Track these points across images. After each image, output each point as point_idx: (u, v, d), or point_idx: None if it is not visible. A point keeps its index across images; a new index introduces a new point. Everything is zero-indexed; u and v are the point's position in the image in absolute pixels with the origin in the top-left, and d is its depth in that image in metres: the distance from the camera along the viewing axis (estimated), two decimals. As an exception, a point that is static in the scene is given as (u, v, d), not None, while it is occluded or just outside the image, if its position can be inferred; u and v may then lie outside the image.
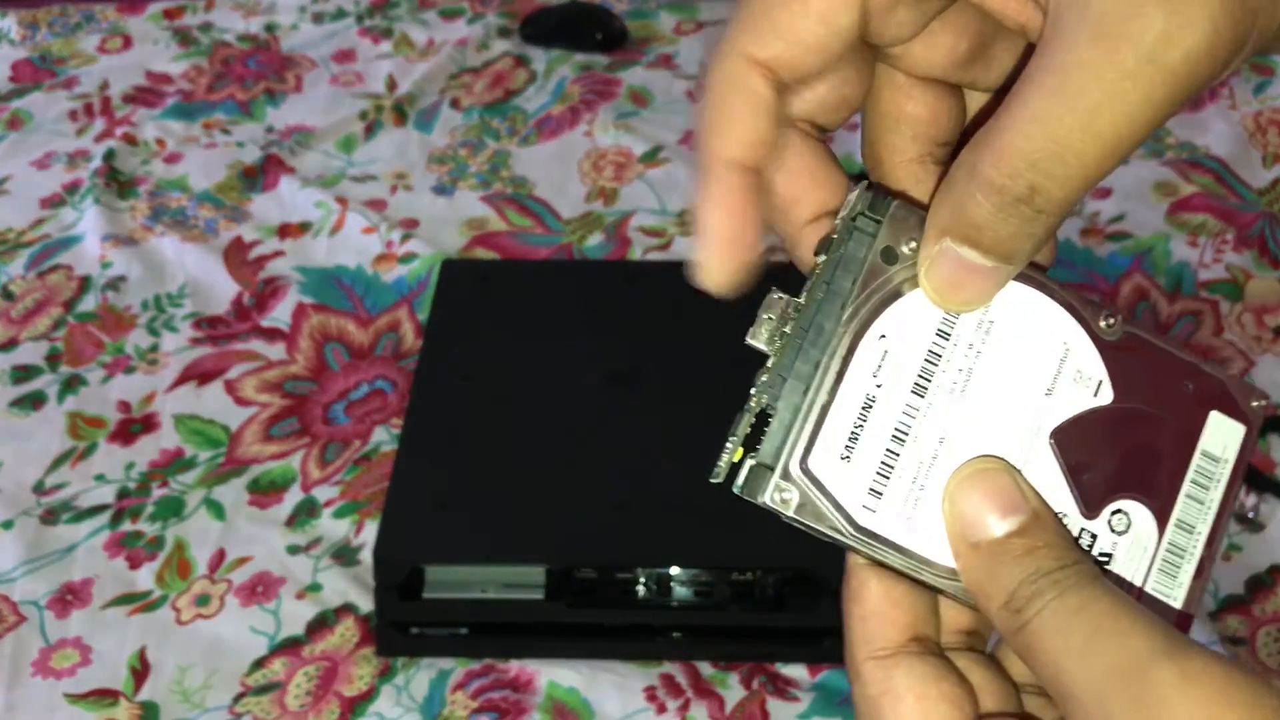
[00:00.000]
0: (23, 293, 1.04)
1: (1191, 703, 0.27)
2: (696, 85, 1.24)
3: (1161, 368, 0.33)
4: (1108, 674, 0.28)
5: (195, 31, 1.33)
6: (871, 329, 0.31)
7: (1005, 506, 0.31)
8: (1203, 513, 0.33)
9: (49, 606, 0.82)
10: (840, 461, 0.31)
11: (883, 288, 0.32)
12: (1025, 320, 0.33)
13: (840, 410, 0.31)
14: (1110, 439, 0.33)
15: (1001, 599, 0.30)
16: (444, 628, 0.79)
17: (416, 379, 0.87)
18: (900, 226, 0.32)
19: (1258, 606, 0.81)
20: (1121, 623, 0.29)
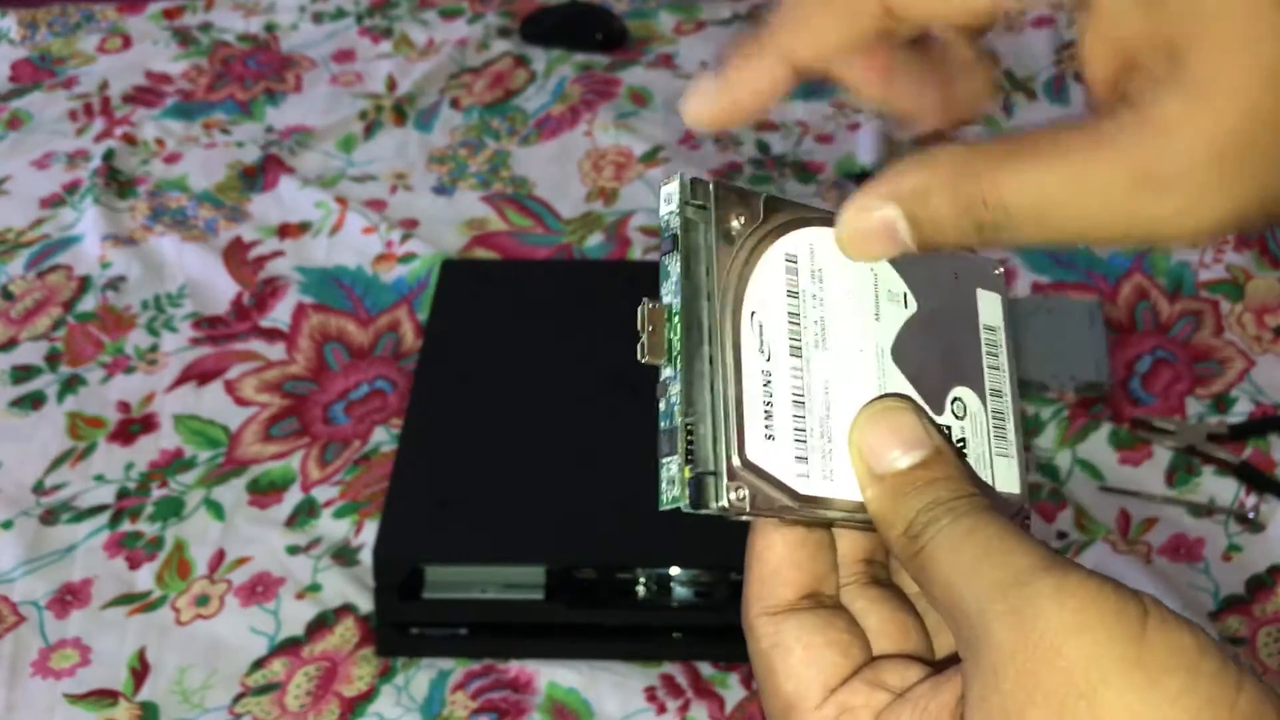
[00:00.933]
0: (22, 293, 1.04)
1: (1063, 610, 0.28)
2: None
3: (934, 266, 0.36)
4: (990, 588, 0.29)
5: (195, 31, 1.33)
6: (744, 309, 0.33)
7: (908, 441, 0.33)
8: (1001, 377, 0.37)
9: (48, 607, 0.82)
10: (768, 442, 0.32)
11: (735, 267, 0.33)
12: (839, 259, 0.34)
13: (750, 394, 0.32)
14: (928, 340, 0.36)
15: (901, 527, 0.32)
16: (444, 628, 0.79)
17: (416, 379, 0.87)
18: (726, 205, 0.33)
19: (1258, 606, 0.81)
20: (1007, 543, 0.30)
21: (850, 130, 1.18)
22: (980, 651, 0.29)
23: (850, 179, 1.12)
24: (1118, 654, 0.27)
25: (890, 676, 0.33)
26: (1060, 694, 0.27)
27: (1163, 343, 0.97)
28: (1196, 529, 0.85)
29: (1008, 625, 0.28)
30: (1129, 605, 0.28)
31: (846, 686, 0.33)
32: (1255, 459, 0.88)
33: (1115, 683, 0.27)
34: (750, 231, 0.33)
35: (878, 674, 0.33)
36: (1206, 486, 0.87)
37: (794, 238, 0.34)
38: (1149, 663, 0.27)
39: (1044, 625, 0.28)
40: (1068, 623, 0.28)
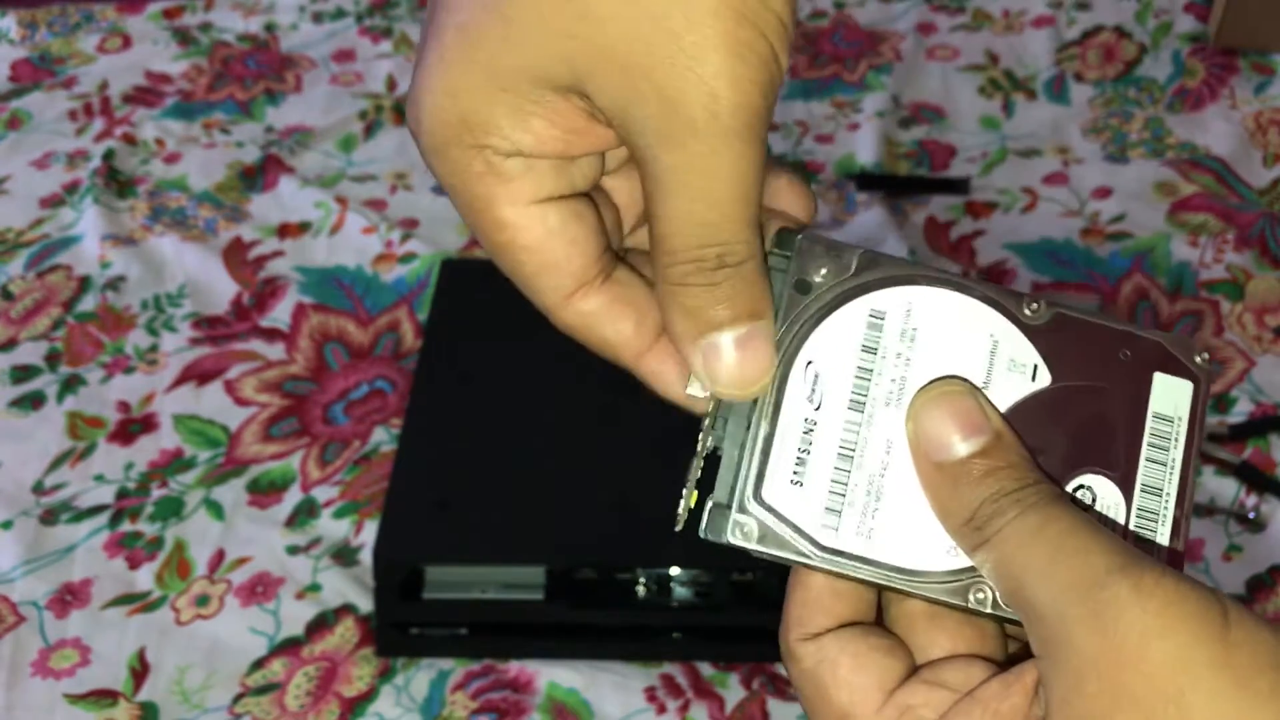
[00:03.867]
0: (22, 293, 1.04)
1: (1144, 613, 0.27)
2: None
3: (1095, 341, 0.34)
4: (1066, 588, 0.29)
5: (195, 31, 1.33)
6: (799, 357, 0.33)
7: (969, 426, 0.32)
8: (1167, 473, 0.34)
9: (48, 607, 0.82)
10: (792, 487, 0.32)
11: (801, 317, 0.33)
12: (948, 321, 0.33)
13: (783, 438, 0.33)
14: (1057, 419, 0.34)
15: (964, 516, 0.31)
16: (444, 628, 0.79)
17: (416, 379, 0.87)
18: (808, 258, 0.33)
19: (1259, 606, 0.81)
20: (1081, 540, 0.29)
21: (850, 130, 1.18)
22: (1061, 654, 0.28)
23: (850, 179, 1.12)
24: (1204, 656, 0.27)
25: (950, 675, 0.32)
26: (1148, 700, 0.27)
27: (1163, 343, 0.97)
28: (1197, 529, 0.85)
29: (1088, 629, 0.28)
30: (1210, 605, 0.28)
31: (905, 687, 0.32)
32: (1255, 459, 0.88)
33: (1204, 687, 0.27)
34: (832, 285, 0.33)
35: (937, 673, 0.32)
36: (1207, 487, 0.87)
37: (888, 295, 0.33)
38: (1236, 664, 0.27)
39: (1126, 629, 0.27)
40: (1150, 626, 0.27)
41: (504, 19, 0.29)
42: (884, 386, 0.33)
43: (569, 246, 0.32)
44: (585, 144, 0.31)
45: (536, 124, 0.30)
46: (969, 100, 1.21)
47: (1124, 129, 1.17)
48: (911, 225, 1.08)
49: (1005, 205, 1.09)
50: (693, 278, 0.31)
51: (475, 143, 0.31)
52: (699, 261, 0.31)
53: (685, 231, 0.30)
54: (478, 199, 0.32)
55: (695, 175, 0.30)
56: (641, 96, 0.29)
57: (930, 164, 1.14)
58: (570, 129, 0.31)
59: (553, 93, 0.30)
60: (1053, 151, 1.15)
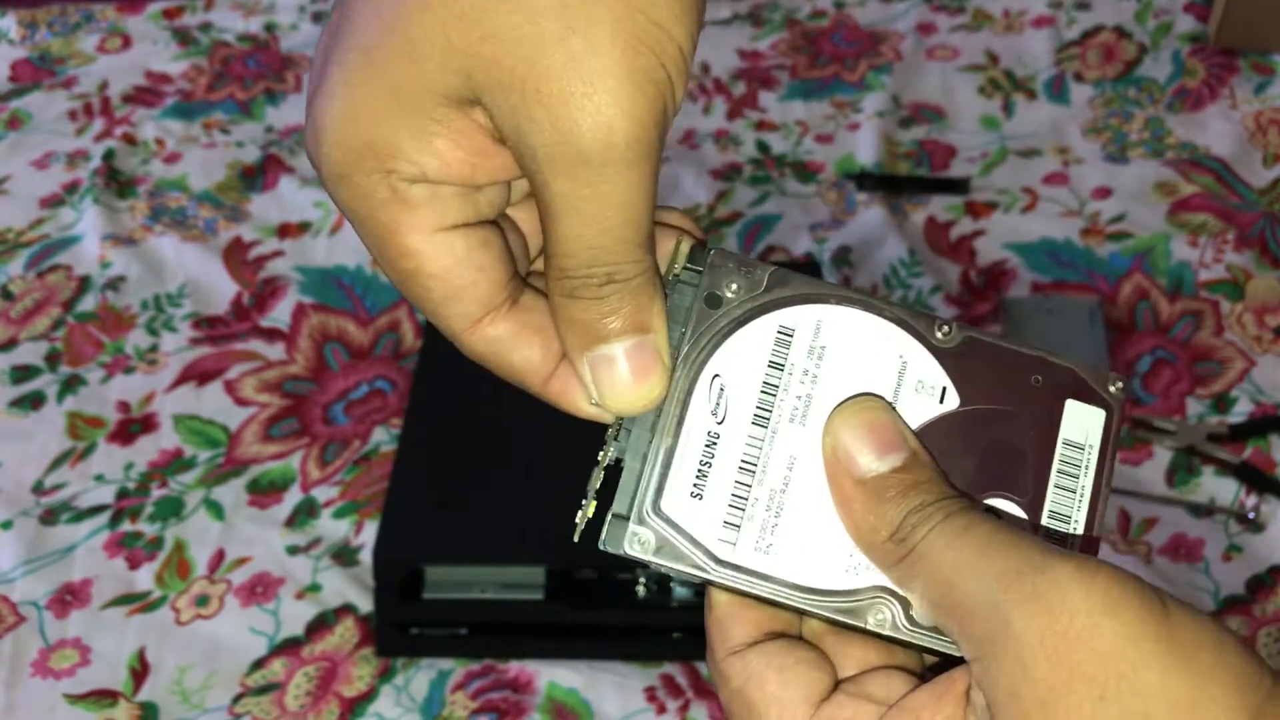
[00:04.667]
0: (22, 293, 1.04)
1: (1089, 591, 0.28)
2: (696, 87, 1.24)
3: (1007, 366, 0.34)
4: (1001, 576, 0.29)
5: (195, 31, 1.33)
6: (705, 370, 0.33)
7: (887, 443, 0.32)
8: (1076, 500, 0.34)
9: (48, 607, 0.82)
10: (692, 500, 0.32)
11: (710, 330, 0.33)
12: (857, 341, 0.33)
13: (685, 451, 0.32)
14: (965, 442, 0.34)
15: (886, 531, 0.31)
16: (444, 628, 0.79)
17: (416, 379, 0.87)
18: (720, 273, 0.33)
19: (1258, 607, 0.81)
20: (1009, 536, 0.30)
21: (850, 130, 1.18)
22: (1002, 644, 0.28)
23: (850, 179, 1.12)
24: (1151, 634, 0.27)
25: (874, 688, 0.32)
26: (1100, 676, 0.27)
27: (1163, 343, 0.97)
28: (1197, 529, 0.85)
29: (1030, 612, 0.28)
30: (1147, 588, 0.28)
31: (831, 700, 0.32)
32: (1255, 459, 0.88)
33: (1154, 663, 0.27)
34: (743, 300, 0.33)
35: (861, 686, 0.32)
36: (1207, 487, 0.87)
37: (798, 312, 0.33)
38: (1180, 640, 0.27)
39: (1073, 607, 0.27)
40: (1096, 604, 0.27)
41: (408, 39, 0.29)
42: (790, 403, 0.33)
43: (476, 274, 0.32)
44: (490, 170, 0.31)
45: (440, 145, 0.30)
46: (969, 100, 1.21)
47: (1124, 129, 1.17)
48: (911, 225, 1.08)
49: (1005, 205, 1.09)
50: (581, 291, 0.31)
51: (379, 168, 0.30)
52: (587, 278, 0.31)
53: (576, 253, 0.31)
54: (382, 226, 0.31)
55: (586, 203, 0.30)
56: (536, 123, 0.29)
57: (930, 164, 1.14)
58: (474, 151, 0.31)
59: (455, 110, 0.30)
60: (1053, 151, 1.15)
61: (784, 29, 1.31)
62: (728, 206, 1.10)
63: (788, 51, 1.28)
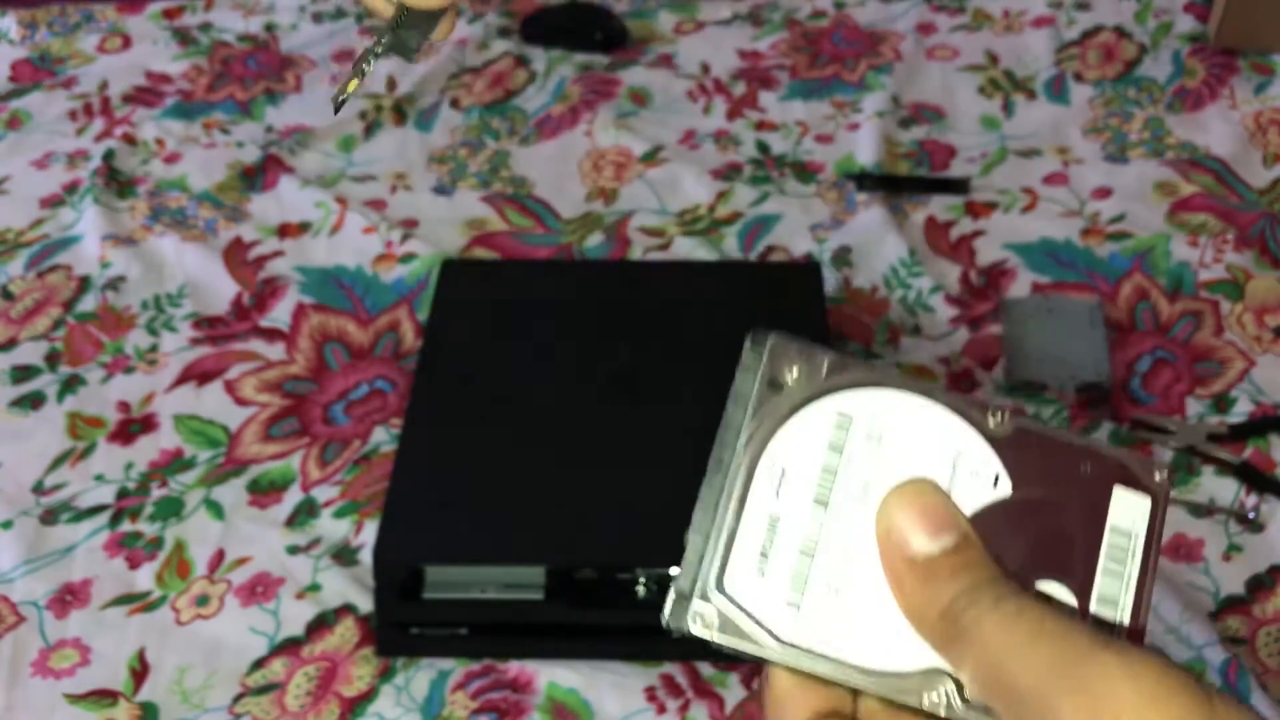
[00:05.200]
0: (22, 293, 1.04)
1: (1136, 684, 0.28)
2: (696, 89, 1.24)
3: (1056, 454, 0.35)
4: (1051, 666, 0.29)
5: (195, 31, 1.33)
6: (766, 453, 0.34)
7: (938, 524, 0.33)
8: (1123, 586, 0.35)
9: (48, 607, 0.82)
10: (756, 578, 0.33)
11: (772, 413, 0.34)
12: (913, 426, 0.34)
13: (748, 530, 0.34)
14: (1016, 528, 0.34)
15: (937, 610, 0.32)
16: (444, 628, 0.79)
17: (416, 379, 0.87)
18: (780, 358, 0.34)
19: (1258, 607, 0.81)
20: (1060, 623, 0.30)
21: (850, 130, 1.18)
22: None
23: (850, 179, 1.12)
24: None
25: None
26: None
27: (1163, 343, 0.97)
28: (1197, 529, 0.85)
29: (1077, 705, 0.28)
30: (1194, 681, 0.28)
31: None
32: (1255, 459, 0.88)
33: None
34: (805, 382, 0.34)
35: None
36: (1207, 486, 0.87)
37: (855, 397, 0.34)
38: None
39: (1119, 704, 0.27)
40: (1144, 696, 0.27)
41: None
42: (848, 486, 0.34)
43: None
44: None
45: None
46: (969, 100, 1.21)
47: (1124, 129, 1.17)
48: (911, 225, 1.08)
49: (1005, 205, 1.09)
50: None
51: None
52: None
53: None
54: None
55: None
56: None
57: (930, 164, 1.14)
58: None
59: None
60: (1053, 151, 1.15)
61: (784, 29, 1.31)
62: (728, 206, 1.10)
63: (788, 51, 1.28)
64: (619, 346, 0.88)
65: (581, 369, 0.86)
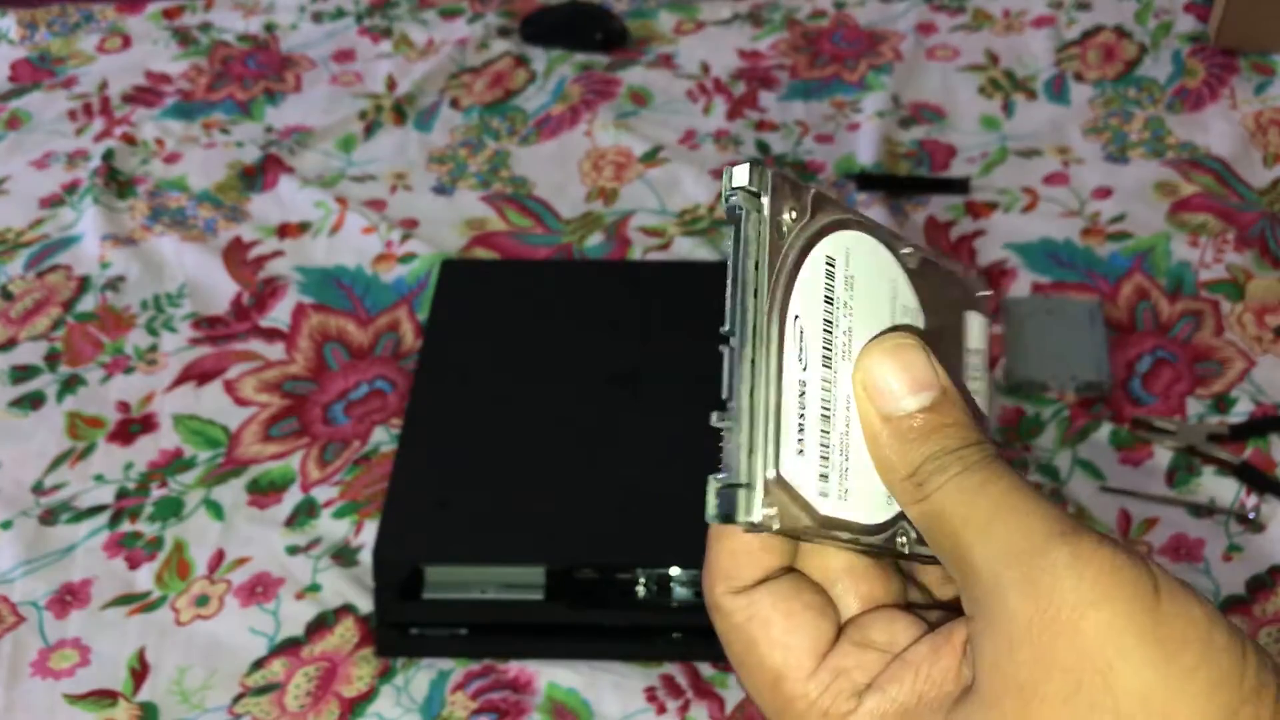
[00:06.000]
0: (22, 293, 1.04)
1: (1080, 581, 0.28)
2: (697, 89, 1.24)
3: (940, 285, 0.35)
4: (1004, 551, 0.29)
5: (194, 31, 1.33)
6: (789, 313, 0.30)
7: (917, 382, 0.32)
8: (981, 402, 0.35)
9: (48, 607, 0.82)
10: (798, 458, 0.30)
11: (782, 267, 0.30)
12: (869, 267, 0.33)
13: (788, 405, 0.30)
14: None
15: (906, 471, 0.31)
16: (444, 628, 0.79)
17: (416, 379, 0.87)
18: (780, 195, 0.31)
19: (1258, 607, 0.81)
20: (1021, 501, 0.30)
21: (850, 130, 1.18)
22: (995, 617, 0.29)
23: (850, 179, 1.12)
24: (1135, 628, 0.27)
25: (876, 633, 0.32)
26: (1078, 670, 0.27)
27: (1163, 343, 0.97)
28: (1197, 529, 0.85)
29: (1023, 595, 0.28)
30: (1142, 575, 0.28)
31: (836, 650, 0.32)
32: (1256, 459, 0.88)
33: (1132, 658, 0.27)
34: (800, 228, 0.31)
35: (863, 632, 0.32)
36: (1207, 487, 0.87)
37: (835, 240, 0.32)
38: (1164, 636, 0.27)
39: (1061, 598, 0.28)
40: (1085, 595, 0.28)
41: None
42: (839, 338, 0.32)
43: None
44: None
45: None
46: (969, 100, 1.21)
47: (1124, 129, 1.17)
48: (911, 225, 1.08)
49: (1005, 205, 1.09)
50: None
51: None
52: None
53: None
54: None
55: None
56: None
57: (930, 164, 1.14)
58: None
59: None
60: (1053, 151, 1.15)
61: (784, 29, 1.31)
62: (728, 206, 1.10)
63: (788, 51, 1.28)
64: (619, 346, 0.88)
65: (581, 369, 0.86)
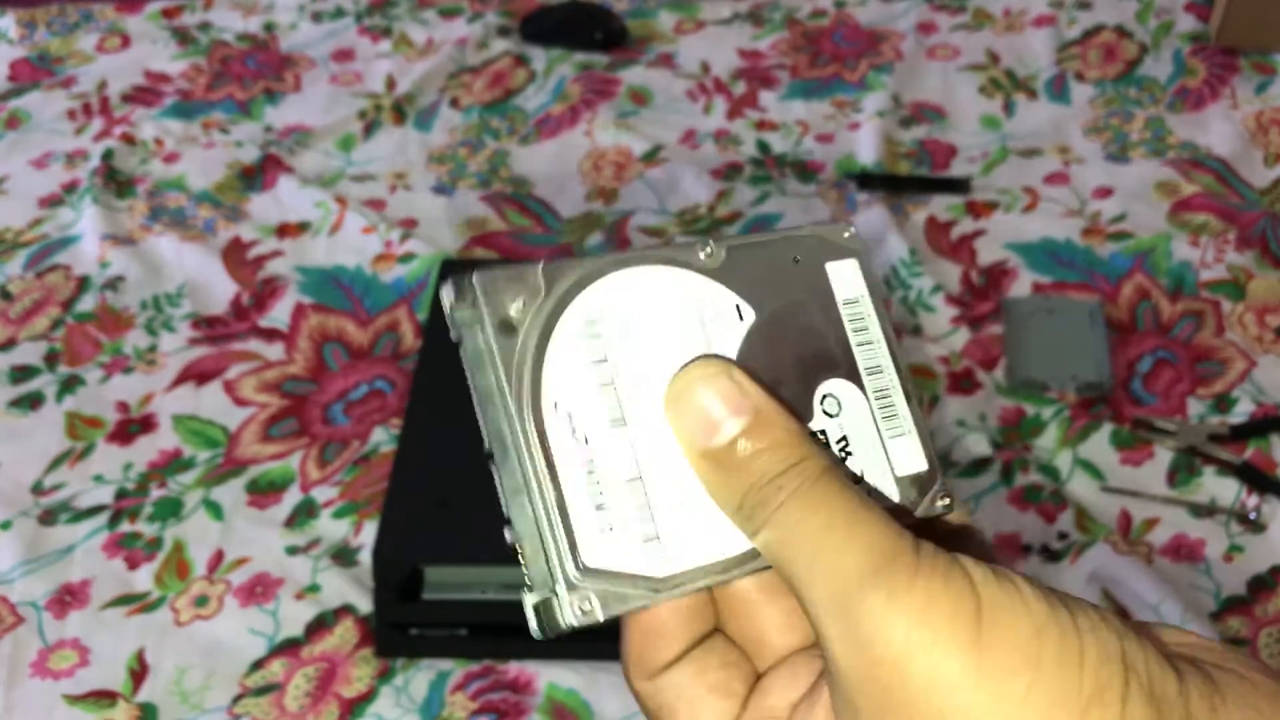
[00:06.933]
0: (21, 293, 1.04)
1: (896, 626, 0.27)
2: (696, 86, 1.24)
3: (770, 260, 0.33)
4: (828, 600, 0.28)
5: (194, 30, 1.33)
6: (544, 403, 0.30)
7: (726, 407, 0.30)
8: (876, 350, 0.34)
9: (47, 607, 0.82)
10: (607, 535, 0.29)
11: (524, 357, 0.30)
12: (649, 299, 0.31)
13: (573, 491, 0.29)
14: (777, 346, 0.33)
15: (733, 506, 0.30)
16: (443, 629, 0.79)
17: (416, 379, 0.87)
18: (495, 293, 0.30)
19: (1259, 607, 0.81)
20: (839, 535, 0.28)
21: (851, 130, 1.18)
22: (833, 674, 0.28)
23: (851, 179, 1.12)
24: (958, 667, 0.27)
25: (775, 698, 0.32)
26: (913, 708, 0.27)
27: (1164, 343, 0.97)
28: (1198, 529, 0.85)
29: (850, 650, 0.27)
30: (963, 600, 0.27)
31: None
32: (1256, 459, 0.88)
33: (960, 701, 0.26)
34: (534, 310, 0.30)
35: (763, 698, 0.32)
36: (1208, 487, 0.87)
37: (588, 297, 0.31)
38: (988, 669, 0.26)
39: (882, 650, 0.27)
40: (904, 643, 0.27)
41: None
42: (632, 390, 0.31)
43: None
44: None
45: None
46: (969, 100, 1.21)
47: (1125, 129, 1.17)
48: (912, 225, 1.08)
49: (1006, 205, 1.09)
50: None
51: None
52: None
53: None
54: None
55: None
56: None
57: (931, 164, 1.14)
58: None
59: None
60: (1053, 151, 1.14)
61: (784, 28, 1.31)
62: (728, 206, 1.10)
63: (788, 51, 1.28)
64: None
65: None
